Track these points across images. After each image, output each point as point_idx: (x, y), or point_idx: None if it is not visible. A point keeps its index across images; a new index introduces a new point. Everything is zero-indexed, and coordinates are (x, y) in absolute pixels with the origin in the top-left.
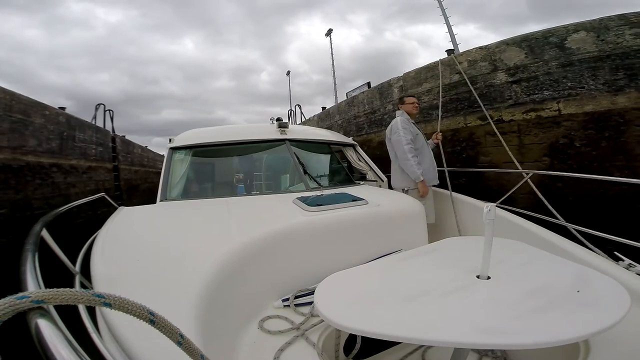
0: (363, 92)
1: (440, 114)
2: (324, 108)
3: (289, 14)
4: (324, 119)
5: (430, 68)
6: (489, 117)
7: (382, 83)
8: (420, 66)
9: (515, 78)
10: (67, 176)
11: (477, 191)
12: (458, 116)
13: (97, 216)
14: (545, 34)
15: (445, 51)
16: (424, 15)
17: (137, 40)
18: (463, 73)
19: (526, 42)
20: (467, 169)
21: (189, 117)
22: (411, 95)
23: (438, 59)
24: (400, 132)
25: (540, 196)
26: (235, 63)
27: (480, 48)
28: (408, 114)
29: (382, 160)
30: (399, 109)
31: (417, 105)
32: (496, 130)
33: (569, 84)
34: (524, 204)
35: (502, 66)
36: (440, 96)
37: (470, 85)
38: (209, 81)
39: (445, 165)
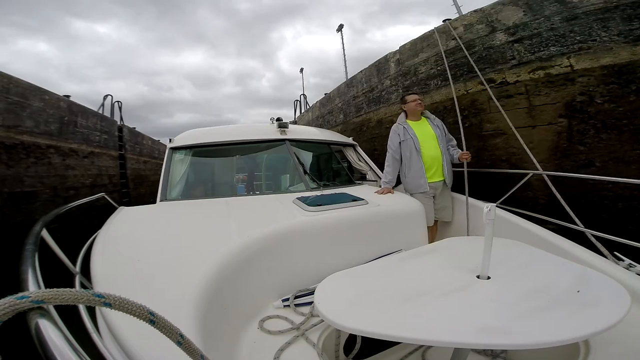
0: (361, 71)
1: (452, 82)
2: (326, 94)
3: (274, 22)
4: (325, 104)
5: (426, 37)
6: (485, 82)
7: (379, 59)
8: (415, 37)
9: (516, 37)
10: (65, 158)
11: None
12: (457, 83)
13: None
14: None
15: (443, 21)
16: (403, 16)
17: (145, 53)
18: (458, 39)
19: (523, 0)
20: (471, 169)
21: (200, 120)
22: (413, 92)
23: (433, 28)
24: (389, 139)
25: (556, 193)
26: (237, 71)
27: (475, 11)
28: (411, 112)
29: (383, 158)
30: (402, 109)
31: (420, 101)
32: (492, 96)
33: (578, 38)
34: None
35: (500, 27)
36: (448, 66)
37: (465, 50)
38: (216, 88)
39: (466, 173)
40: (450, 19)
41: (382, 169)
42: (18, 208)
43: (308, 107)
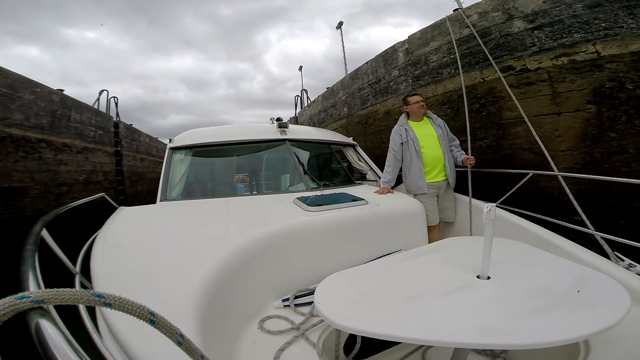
0: (367, 63)
1: (461, 72)
2: (328, 87)
3: (258, 25)
4: (328, 98)
5: (437, 26)
6: (498, 71)
7: (386, 49)
8: (425, 26)
9: (535, 24)
10: (57, 153)
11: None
12: (473, 71)
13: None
14: None
15: (453, 10)
16: (384, 17)
17: (138, 58)
18: (471, 27)
19: None
20: (473, 169)
21: (193, 121)
22: (415, 93)
23: (445, 16)
24: (391, 139)
25: (570, 194)
26: (228, 74)
27: None
28: (413, 113)
29: (384, 158)
30: (404, 109)
31: (422, 104)
32: (506, 86)
33: (603, 25)
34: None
35: (517, 14)
36: (458, 55)
37: (479, 39)
38: (209, 90)
39: (469, 173)
40: (458, 9)
41: (383, 167)
42: (5, 204)
43: (309, 101)
